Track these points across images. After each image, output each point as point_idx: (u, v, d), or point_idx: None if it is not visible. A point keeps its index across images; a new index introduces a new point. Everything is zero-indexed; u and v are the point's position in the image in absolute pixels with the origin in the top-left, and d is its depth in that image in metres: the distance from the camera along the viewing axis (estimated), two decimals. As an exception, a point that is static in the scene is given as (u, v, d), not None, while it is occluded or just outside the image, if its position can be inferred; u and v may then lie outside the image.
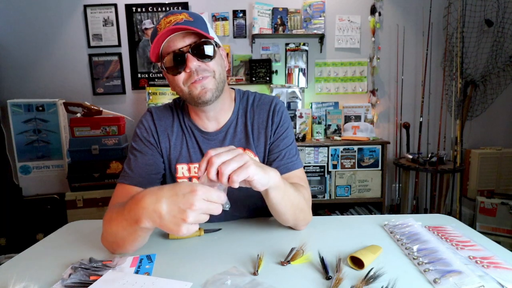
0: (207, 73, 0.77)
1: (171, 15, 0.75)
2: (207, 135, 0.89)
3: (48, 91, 2.73)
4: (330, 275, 0.60)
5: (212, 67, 0.77)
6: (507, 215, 2.31)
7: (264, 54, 2.80)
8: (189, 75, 0.76)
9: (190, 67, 0.74)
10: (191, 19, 0.75)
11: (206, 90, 0.77)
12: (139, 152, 0.85)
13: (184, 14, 0.76)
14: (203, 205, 0.55)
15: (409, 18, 2.77)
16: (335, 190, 2.56)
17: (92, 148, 2.34)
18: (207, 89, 0.77)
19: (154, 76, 2.80)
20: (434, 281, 0.57)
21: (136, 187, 0.80)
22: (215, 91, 0.79)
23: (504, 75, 2.76)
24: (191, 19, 0.75)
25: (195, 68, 0.75)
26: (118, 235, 0.67)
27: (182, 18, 0.74)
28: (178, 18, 0.74)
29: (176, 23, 0.72)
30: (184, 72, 0.76)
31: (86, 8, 2.68)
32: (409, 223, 0.81)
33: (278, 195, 0.70)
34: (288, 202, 0.73)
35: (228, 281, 0.58)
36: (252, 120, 0.91)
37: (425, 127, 2.70)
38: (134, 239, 0.66)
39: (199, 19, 0.77)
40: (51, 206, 2.43)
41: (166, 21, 0.74)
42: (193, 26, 0.73)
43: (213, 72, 0.78)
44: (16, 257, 0.73)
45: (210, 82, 0.78)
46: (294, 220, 0.79)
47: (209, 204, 0.55)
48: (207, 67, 0.77)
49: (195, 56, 0.75)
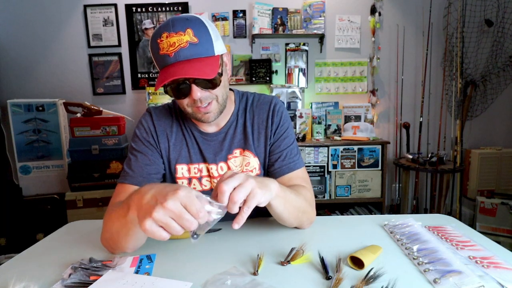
0: (210, 99, 0.77)
1: (174, 34, 0.70)
2: (207, 136, 0.90)
3: (48, 91, 2.73)
4: (330, 275, 0.60)
5: (215, 93, 0.78)
6: (507, 215, 2.31)
7: (264, 54, 2.80)
8: (193, 101, 0.76)
9: (193, 97, 0.74)
10: (195, 40, 0.71)
11: (209, 116, 0.80)
12: (139, 153, 0.86)
13: (188, 32, 0.70)
14: (176, 208, 0.51)
15: (409, 18, 2.77)
16: (335, 190, 2.56)
17: (92, 148, 2.34)
18: (210, 114, 0.79)
19: (154, 76, 2.80)
20: (434, 281, 0.57)
21: (136, 187, 0.80)
22: (218, 113, 0.81)
23: (504, 75, 2.76)
24: (195, 40, 0.71)
25: (199, 97, 0.75)
26: (113, 228, 0.68)
27: (186, 41, 0.70)
28: (182, 40, 0.70)
29: (181, 50, 0.69)
30: (188, 98, 0.76)
31: (86, 8, 2.68)
32: (409, 223, 0.81)
33: (280, 205, 0.71)
34: (290, 208, 0.75)
35: (228, 281, 0.58)
36: (252, 121, 0.91)
37: (425, 127, 2.70)
38: (127, 233, 0.66)
39: (204, 37, 0.72)
40: (51, 206, 2.43)
41: (169, 43, 0.70)
42: (199, 50, 0.71)
43: (216, 97, 0.78)
44: (16, 257, 0.73)
45: (214, 107, 0.79)
46: (298, 223, 0.81)
47: (183, 211, 0.52)
48: (210, 94, 0.77)
49: (200, 86, 0.74)
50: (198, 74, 0.70)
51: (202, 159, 0.90)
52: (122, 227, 0.65)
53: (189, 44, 0.70)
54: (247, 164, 0.90)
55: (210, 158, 0.89)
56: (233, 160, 0.90)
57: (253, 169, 0.90)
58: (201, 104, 0.76)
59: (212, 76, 0.71)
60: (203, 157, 0.89)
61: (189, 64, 0.70)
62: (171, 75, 0.69)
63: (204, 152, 0.89)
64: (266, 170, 0.93)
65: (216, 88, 0.77)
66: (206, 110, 0.78)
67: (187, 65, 0.70)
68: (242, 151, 0.90)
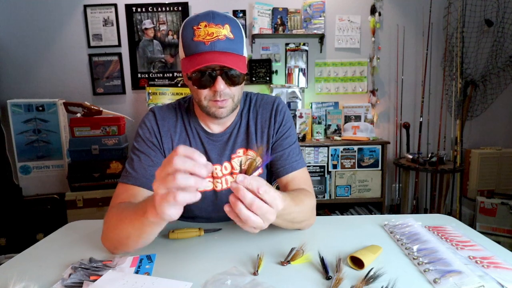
0: (228, 96, 0.79)
1: (214, 25, 0.73)
2: (212, 136, 0.90)
3: (48, 91, 2.73)
4: (330, 275, 0.60)
5: (234, 91, 0.80)
6: (507, 215, 2.31)
7: (264, 54, 2.80)
8: (213, 93, 0.78)
9: (216, 89, 0.76)
10: (232, 36, 0.75)
11: (223, 111, 0.81)
12: (142, 153, 0.85)
13: (227, 27, 0.74)
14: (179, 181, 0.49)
15: (409, 18, 2.77)
16: (335, 190, 2.56)
17: (92, 148, 2.34)
18: (223, 111, 0.81)
19: (154, 76, 2.80)
20: (434, 281, 0.57)
21: (139, 187, 0.80)
22: (230, 111, 0.83)
23: (504, 75, 2.76)
24: (232, 36, 0.75)
25: (220, 90, 0.76)
26: (123, 233, 0.67)
27: (224, 35, 0.74)
28: (220, 33, 0.73)
29: (218, 41, 0.73)
30: (209, 89, 0.78)
31: (86, 8, 2.68)
32: (409, 223, 0.81)
33: (280, 222, 0.72)
34: (290, 222, 0.75)
35: (228, 281, 0.58)
36: (255, 120, 0.92)
37: (425, 127, 2.70)
38: (139, 235, 0.65)
39: (239, 37, 0.77)
40: (51, 206, 2.43)
41: (207, 32, 0.73)
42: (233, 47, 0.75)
43: (233, 96, 0.80)
44: (16, 257, 0.73)
45: (229, 105, 0.81)
46: (298, 228, 0.83)
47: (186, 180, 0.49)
48: (230, 92, 0.79)
49: (224, 79, 0.76)
50: (233, 65, 0.73)
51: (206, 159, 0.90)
52: (136, 230, 0.64)
53: (226, 38, 0.74)
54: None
55: (215, 158, 0.89)
56: (237, 159, 0.90)
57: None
58: (220, 98, 0.78)
59: (244, 71, 0.76)
60: (208, 157, 0.89)
61: (224, 55, 0.73)
62: (207, 61, 0.71)
63: (209, 153, 0.89)
64: (269, 170, 0.93)
65: (237, 87, 0.79)
66: (222, 104, 0.79)
67: (222, 56, 0.73)
68: (245, 151, 0.91)
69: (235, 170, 0.91)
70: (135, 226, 0.64)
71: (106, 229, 0.72)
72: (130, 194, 0.79)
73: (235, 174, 0.91)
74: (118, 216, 0.70)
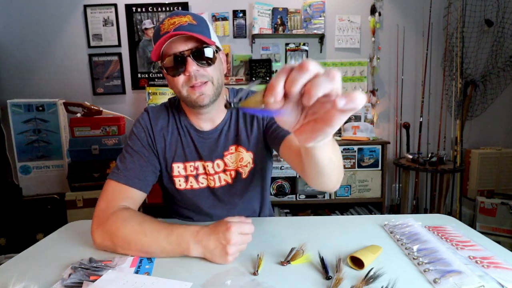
0: (205, 78, 0.78)
1: (176, 16, 0.77)
2: (202, 134, 0.90)
3: (48, 91, 2.73)
4: (330, 275, 0.60)
5: (211, 73, 0.79)
6: (507, 215, 2.31)
7: (264, 54, 2.80)
8: (188, 78, 0.77)
9: (189, 70, 0.76)
10: (194, 22, 0.77)
11: (204, 97, 0.79)
12: (136, 153, 0.86)
13: (188, 16, 0.77)
14: (239, 239, 0.64)
15: (409, 18, 2.77)
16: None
17: (92, 148, 2.34)
18: (205, 95, 0.79)
19: (154, 76, 2.80)
20: (434, 281, 0.57)
21: (131, 187, 0.81)
22: (213, 96, 0.81)
23: (504, 75, 2.76)
24: (194, 22, 0.77)
25: (194, 72, 0.76)
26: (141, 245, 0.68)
27: (186, 21, 0.75)
28: (182, 20, 0.75)
29: (180, 26, 0.74)
30: (183, 75, 0.78)
31: (86, 8, 2.68)
32: (409, 223, 0.81)
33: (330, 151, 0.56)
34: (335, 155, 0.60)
35: (228, 281, 0.58)
36: (244, 116, 0.92)
37: (425, 127, 2.70)
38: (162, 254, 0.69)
39: (203, 23, 0.79)
40: (51, 206, 2.43)
41: (170, 22, 0.75)
42: (197, 30, 0.75)
43: (212, 78, 0.79)
44: (16, 257, 0.73)
45: (209, 88, 0.79)
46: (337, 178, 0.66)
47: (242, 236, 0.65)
48: (206, 73, 0.78)
49: (195, 60, 0.76)
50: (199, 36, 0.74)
51: (197, 157, 0.91)
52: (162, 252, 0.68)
53: (188, 23, 0.76)
54: (241, 160, 0.91)
55: (205, 155, 0.90)
56: (229, 156, 0.91)
57: (247, 163, 0.92)
58: (195, 81, 0.77)
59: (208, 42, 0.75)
60: (199, 155, 0.90)
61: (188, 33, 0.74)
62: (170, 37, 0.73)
63: (199, 150, 0.90)
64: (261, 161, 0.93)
65: (211, 67, 0.78)
66: (200, 89, 0.78)
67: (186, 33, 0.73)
68: (236, 147, 0.91)
69: (228, 167, 0.91)
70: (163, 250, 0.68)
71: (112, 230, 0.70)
72: (124, 195, 0.79)
73: (228, 171, 0.92)
74: (133, 228, 0.69)
